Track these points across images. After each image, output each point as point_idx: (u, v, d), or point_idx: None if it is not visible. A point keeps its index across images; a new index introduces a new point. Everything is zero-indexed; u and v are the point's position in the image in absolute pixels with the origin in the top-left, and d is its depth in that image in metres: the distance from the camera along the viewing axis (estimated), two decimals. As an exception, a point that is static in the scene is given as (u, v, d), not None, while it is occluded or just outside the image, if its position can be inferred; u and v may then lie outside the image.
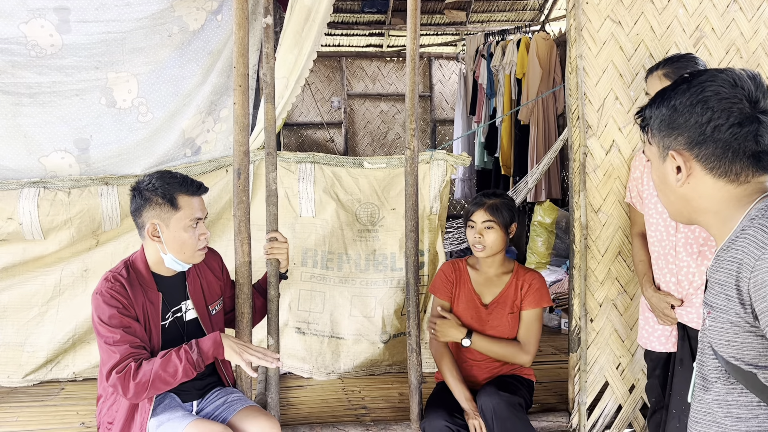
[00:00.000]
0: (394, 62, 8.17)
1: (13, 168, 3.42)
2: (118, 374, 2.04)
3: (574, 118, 2.80)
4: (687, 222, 1.25)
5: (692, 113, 1.14)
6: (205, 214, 2.28)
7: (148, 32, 3.34)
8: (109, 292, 2.12)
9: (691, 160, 1.16)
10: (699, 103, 1.13)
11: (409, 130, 2.73)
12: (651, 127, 1.23)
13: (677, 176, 1.18)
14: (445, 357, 2.62)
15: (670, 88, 1.20)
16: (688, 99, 1.14)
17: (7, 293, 3.44)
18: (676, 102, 1.16)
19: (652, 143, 1.23)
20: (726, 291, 1.09)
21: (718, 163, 1.14)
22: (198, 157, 3.62)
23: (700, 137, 1.14)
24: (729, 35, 2.76)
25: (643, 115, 1.26)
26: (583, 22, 2.76)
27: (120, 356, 2.06)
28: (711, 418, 1.15)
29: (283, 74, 3.42)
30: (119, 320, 2.10)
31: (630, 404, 2.90)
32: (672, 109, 1.17)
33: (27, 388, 3.42)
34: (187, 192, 2.20)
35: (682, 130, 1.16)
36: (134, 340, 2.10)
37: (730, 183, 1.14)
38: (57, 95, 3.36)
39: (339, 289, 3.61)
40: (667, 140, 1.19)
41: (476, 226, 2.56)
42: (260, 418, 2.24)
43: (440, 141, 8.15)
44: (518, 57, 6.01)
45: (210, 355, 2.13)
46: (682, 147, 1.16)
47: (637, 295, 2.83)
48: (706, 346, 1.18)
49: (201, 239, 2.23)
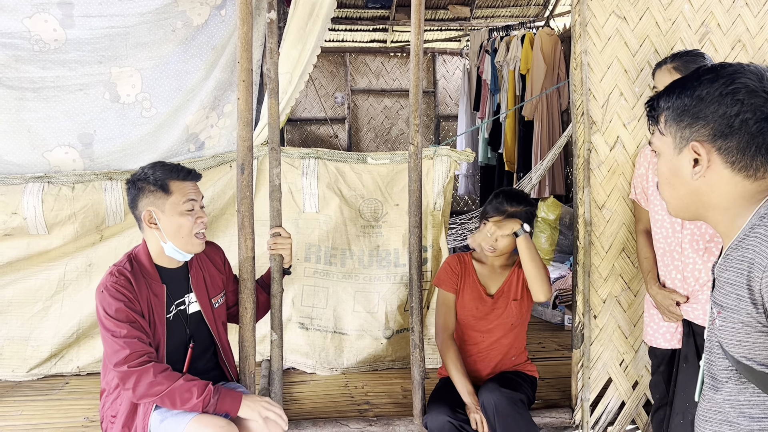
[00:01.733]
0: (397, 58, 8.15)
1: (17, 163, 3.43)
2: (132, 368, 2.05)
3: (579, 114, 2.79)
4: (690, 218, 1.23)
5: (720, 104, 1.11)
6: (201, 197, 2.29)
7: (152, 27, 3.34)
8: (115, 286, 2.14)
9: (713, 152, 1.13)
10: (729, 95, 1.10)
11: (413, 125, 2.73)
12: (666, 117, 1.19)
13: (694, 169, 1.15)
14: (450, 350, 2.62)
15: (692, 78, 1.16)
16: (716, 90, 1.11)
17: (11, 288, 3.45)
18: (703, 92, 1.13)
19: (666, 133, 1.20)
20: (737, 291, 1.07)
21: (741, 156, 1.11)
22: (201, 152, 3.62)
23: (726, 129, 1.11)
24: (735, 31, 2.75)
25: (656, 104, 1.22)
26: (587, 17, 2.74)
27: (131, 350, 2.06)
28: (722, 417, 1.14)
29: (287, 69, 3.41)
30: (126, 314, 2.11)
31: (633, 401, 2.89)
32: (697, 99, 1.13)
33: (31, 382, 3.43)
34: (178, 177, 2.24)
35: (708, 121, 1.12)
36: (142, 336, 2.11)
37: (747, 178, 1.12)
38: (61, 90, 3.37)
39: (342, 285, 3.61)
40: (688, 131, 1.15)
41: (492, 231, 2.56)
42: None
43: (444, 137, 8.14)
44: (522, 53, 5.99)
45: (226, 408, 2.13)
46: (704, 138, 1.13)
47: (640, 291, 2.82)
48: (715, 346, 1.16)
49: (198, 222, 2.24)
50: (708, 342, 1.20)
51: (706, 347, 1.21)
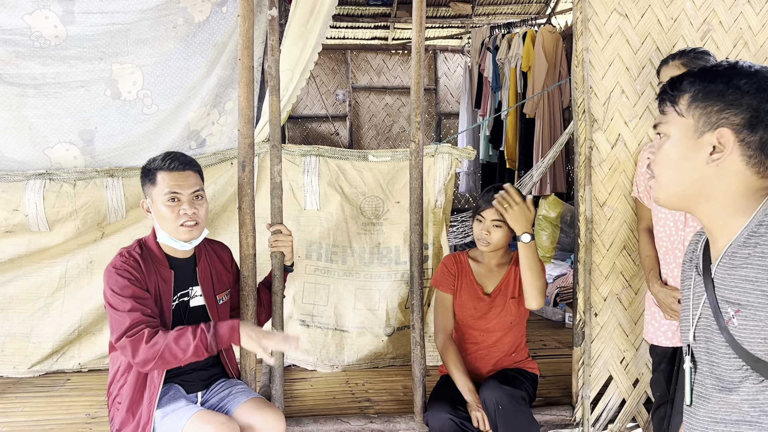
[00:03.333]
0: (399, 55, 8.14)
1: (18, 160, 3.43)
2: (129, 338, 2.05)
3: (580, 112, 2.79)
4: (679, 207, 1.21)
5: (756, 97, 1.11)
6: (191, 191, 2.24)
7: (153, 24, 3.34)
8: (123, 265, 2.17)
9: (735, 143, 1.13)
10: (765, 91, 1.11)
11: (414, 123, 2.72)
12: (692, 99, 1.17)
13: (711, 156, 1.14)
14: (449, 350, 2.62)
15: (725, 68, 1.16)
16: (755, 84, 1.12)
17: (13, 284, 3.46)
18: (740, 81, 1.13)
19: (686, 115, 1.18)
20: (760, 287, 1.06)
21: (758, 152, 1.12)
22: (203, 149, 3.62)
23: (756, 122, 1.11)
24: (737, 28, 2.74)
25: (678, 85, 1.20)
26: (589, 15, 2.74)
27: (131, 321, 2.07)
28: (739, 416, 1.12)
29: (288, 67, 3.41)
30: (131, 290, 2.13)
31: (634, 398, 2.90)
32: (734, 87, 1.13)
33: (33, 378, 3.44)
34: (164, 168, 2.24)
35: (742, 110, 1.12)
36: (145, 310, 2.12)
37: (755, 174, 1.13)
38: (61, 86, 3.37)
39: (343, 282, 3.61)
40: (715, 116, 1.14)
41: (485, 223, 2.57)
42: (264, 410, 2.25)
43: (445, 134, 8.13)
44: (524, 50, 5.98)
45: (225, 340, 2.12)
46: (732, 127, 1.13)
47: (641, 289, 2.82)
48: (720, 346, 1.15)
49: (181, 215, 2.22)
50: (706, 344, 1.19)
51: (705, 349, 1.20)
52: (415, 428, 2.81)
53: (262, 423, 2.20)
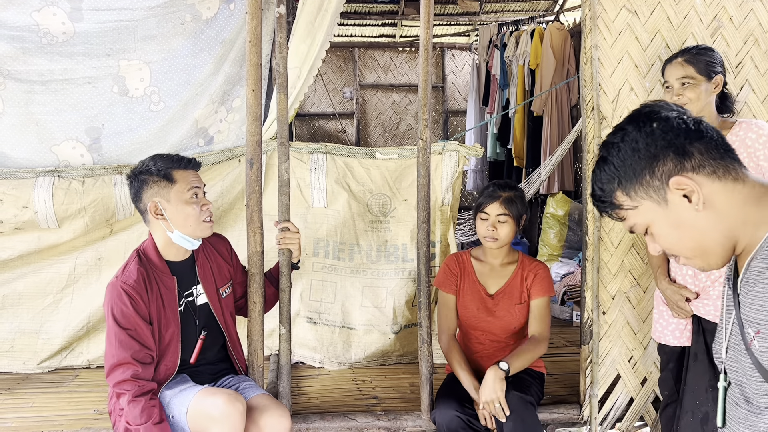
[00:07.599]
0: (406, 52, 8.12)
1: (25, 157, 3.44)
2: (114, 386, 2.10)
3: (589, 109, 2.78)
4: (729, 253, 1.13)
5: (663, 139, 1.11)
6: (203, 185, 2.31)
7: (161, 20, 3.34)
8: (125, 287, 2.15)
9: (693, 176, 1.10)
10: (648, 129, 1.12)
11: (422, 120, 2.72)
12: (625, 191, 1.14)
13: (693, 204, 1.10)
14: (453, 350, 2.62)
15: (609, 148, 1.16)
16: (641, 134, 1.12)
17: (22, 281, 3.48)
18: (639, 144, 1.12)
19: (639, 203, 1.14)
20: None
21: (712, 163, 1.10)
22: (211, 146, 3.63)
23: (682, 150, 1.10)
24: (747, 25, 2.72)
25: (603, 194, 1.17)
26: (598, 12, 2.72)
27: (117, 360, 2.09)
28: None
29: (296, 64, 3.41)
30: (130, 320, 2.13)
31: (642, 397, 2.88)
32: (634, 152, 1.13)
33: (42, 374, 3.46)
34: (180, 166, 2.25)
35: (665, 155, 1.10)
36: (137, 345, 2.13)
37: (735, 181, 1.10)
38: (69, 83, 3.38)
39: (350, 280, 3.62)
40: (656, 179, 1.11)
41: (490, 219, 2.55)
42: (271, 406, 2.25)
43: (453, 132, 8.12)
44: (532, 47, 5.96)
45: None
46: (675, 172, 1.10)
47: (649, 288, 2.81)
48: (748, 368, 1.09)
49: (204, 209, 2.26)
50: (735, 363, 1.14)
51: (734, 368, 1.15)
52: (422, 425, 2.81)
53: (267, 420, 2.20)
